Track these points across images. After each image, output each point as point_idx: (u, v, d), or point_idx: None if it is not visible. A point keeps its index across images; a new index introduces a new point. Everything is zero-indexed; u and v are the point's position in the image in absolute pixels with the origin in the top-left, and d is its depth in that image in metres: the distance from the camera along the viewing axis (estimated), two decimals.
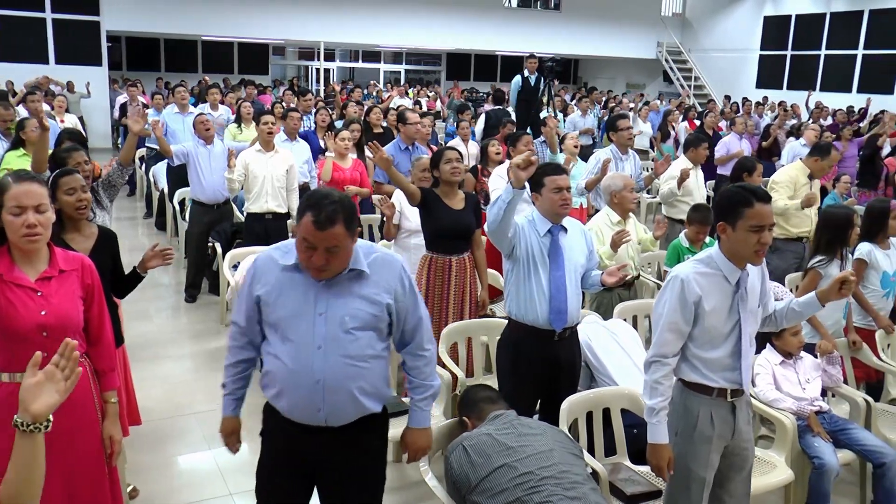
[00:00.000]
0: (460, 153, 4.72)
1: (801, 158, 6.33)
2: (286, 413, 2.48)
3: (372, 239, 6.72)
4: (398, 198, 5.18)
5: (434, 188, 4.60)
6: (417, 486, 3.86)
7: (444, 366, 4.01)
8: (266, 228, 6.16)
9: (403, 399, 4.06)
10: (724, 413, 2.81)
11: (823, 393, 4.05)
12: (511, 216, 3.30)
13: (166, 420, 4.66)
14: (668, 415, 2.78)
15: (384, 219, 5.20)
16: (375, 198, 6.36)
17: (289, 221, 6.25)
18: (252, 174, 6.17)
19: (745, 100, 17.19)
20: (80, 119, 11.73)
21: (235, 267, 5.58)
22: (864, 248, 4.68)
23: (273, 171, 6.19)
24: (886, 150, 10.51)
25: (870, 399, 4.05)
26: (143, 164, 10.45)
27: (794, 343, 3.93)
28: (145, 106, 10.65)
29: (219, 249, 6.51)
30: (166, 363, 5.53)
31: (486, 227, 3.41)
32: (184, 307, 6.82)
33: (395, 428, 3.60)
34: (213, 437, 4.42)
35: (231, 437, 2.72)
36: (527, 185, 3.26)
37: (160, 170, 9.14)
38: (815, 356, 4.11)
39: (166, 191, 8.72)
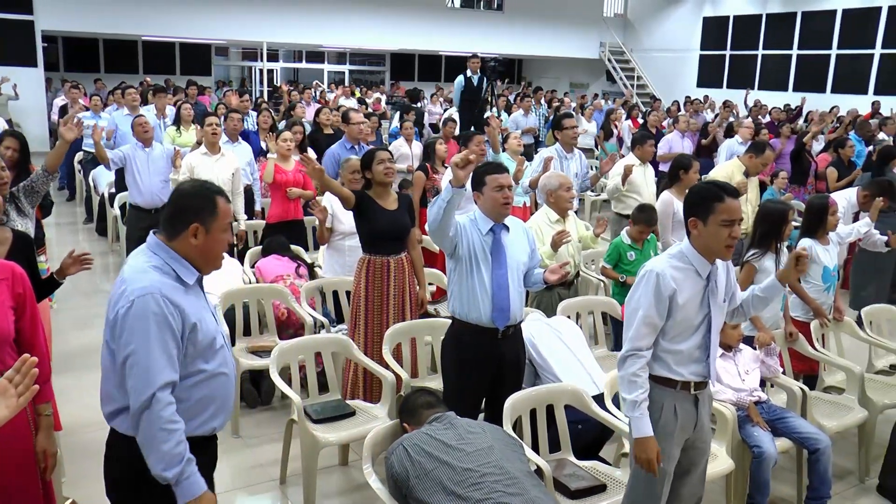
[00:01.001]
0: (391, 153, 4.70)
1: (737, 156, 6.48)
2: (216, 429, 2.42)
3: (314, 242, 6.66)
4: (329, 200, 5.15)
5: (366, 190, 4.55)
6: (362, 488, 3.85)
7: (388, 367, 4.00)
8: None
9: (347, 402, 4.05)
10: (688, 406, 2.87)
11: (762, 383, 4.16)
12: (451, 216, 3.30)
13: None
14: None
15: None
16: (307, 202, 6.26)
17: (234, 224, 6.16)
18: (197, 177, 6.06)
19: (687, 98, 17.54)
20: (9, 122, 11.32)
21: None
22: (805, 244, 4.80)
23: (220, 175, 6.10)
24: (818, 147, 10.83)
25: (805, 388, 4.16)
26: (82, 168, 10.19)
27: (734, 336, 4.01)
28: (85, 108, 10.41)
29: None
30: None
31: (426, 226, 3.40)
32: None
33: (341, 431, 3.58)
34: None
35: None
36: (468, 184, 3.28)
37: (99, 174, 8.94)
38: (754, 348, 4.20)
39: (106, 195, 8.53)
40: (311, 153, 7.40)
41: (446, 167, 6.39)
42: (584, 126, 12.22)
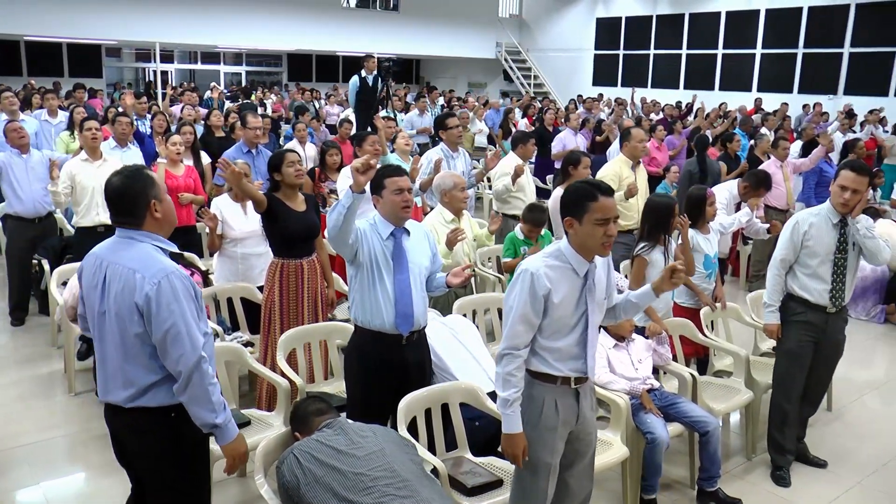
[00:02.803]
0: (300, 155, 4.64)
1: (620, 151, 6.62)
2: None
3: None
4: (219, 206, 5.04)
5: (274, 192, 4.47)
6: (259, 500, 3.74)
7: (282, 373, 3.92)
8: (98, 243, 5.76)
9: (243, 412, 3.94)
10: (569, 400, 2.88)
11: (655, 371, 4.28)
12: (351, 222, 3.23)
13: None
14: None
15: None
16: (195, 209, 6.08)
17: None
18: (80, 186, 5.79)
19: (579, 97, 18.00)
20: None
21: (66, 284, 5.20)
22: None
23: (103, 181, 5.80)
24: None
25: (695, 374, 4.32)
26: None
27: (626, 327, 4.11)
28: None
29: (46, 267, 6.05)
30: None
31: (326, 232, 3.33)
32: (10, 331, 6.30)
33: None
34: (42, 470, 4.13)
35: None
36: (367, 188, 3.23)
37: None
38: (646, 337, 4.32)
39: None
40: (205, 157, 7.22)
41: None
42: (479, 126, 12.34)
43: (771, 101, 17.02)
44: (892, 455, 4.62)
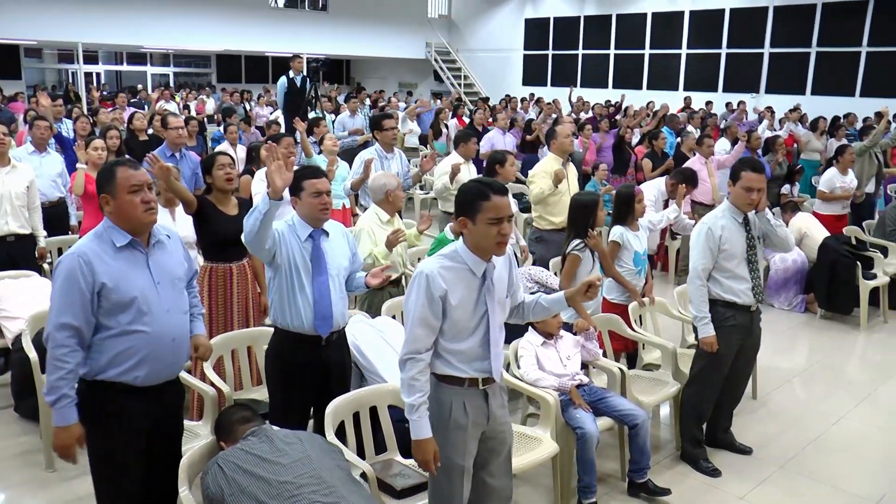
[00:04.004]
0: (232, 158, 4.56)
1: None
2: (142, 381, 2.75)
3: None
4: None
5: (207, 195, 4.42)
6: None
7: (209, 381, 3.83)
8: (9, 253, 5.52)
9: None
10: (478, 401, 2.85)
11: (584, 366, 4.33)
12: (269, 227, 3.19)
13: None
14: None
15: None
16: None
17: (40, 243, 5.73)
18: None
19: (506, 96, 18.17)
20: None
21: None
22: (616, 231, 5.06)
23: (11, 189, 5.57)
24: (636, 139, 11.49)
25: (624, 368, 4.38)
26: None
27: (554, 324, 4.15)
28: None
29: None
30: None
31: (243, 237, 3.27)
32: None
33: None
34: None
35: (78, 443, 2.73)
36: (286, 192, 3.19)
37: None
38: (574, 334, 4.37)
39: None
40: None
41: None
42: (409, 126, 12.33)
43: (697, 100, 17.48)
44: (812, 439, 4.78)
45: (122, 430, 2.78)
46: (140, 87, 19.34)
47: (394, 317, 4.45)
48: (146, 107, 12.79)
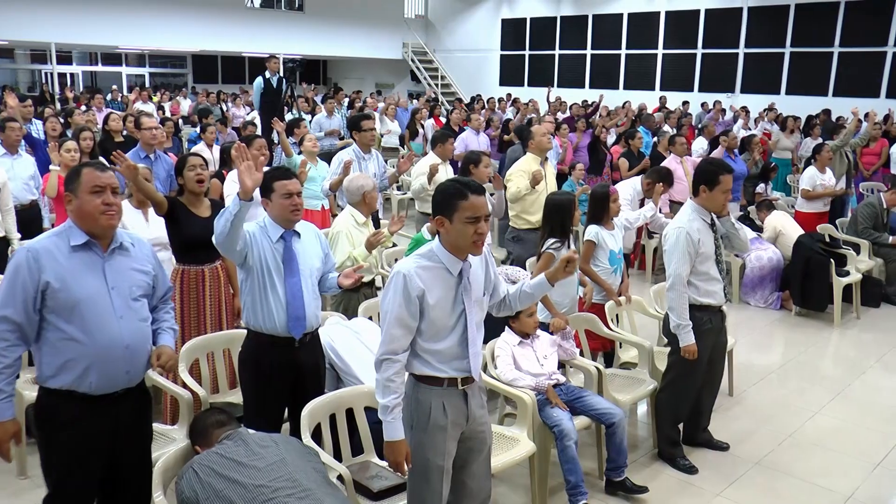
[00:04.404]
0: (205, 159, 4.52)
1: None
2: (95, 388, 2.67)
3: None
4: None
5: (179, 197, 4.39)
6: None
7: (184, 385, 3.79)
8: None
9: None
10: (457, 401, 2.84)
11: (561, 366, 4.34)
12: (239, 228, 3.17)
13: None
14: (402, 409, 2.77)
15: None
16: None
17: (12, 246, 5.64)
18: None
19: (478, 96, 18.22)
20: None
21: None
22: (592, 231, 5.08)
23: None
24: (612, 139, 11.55)
25: (601, 367, 4.40)
26: None
27: (530, 324, 4.16)
28: None
29: None
30: None
31: (213, 238, 3.25)
32: None
33: None
34: None
35: (13, 439, 2.71)
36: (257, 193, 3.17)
37: None
38: (551, 333, 4.38)
39: None
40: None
41: None
42: (388, 126, 12.31)
43: (673, 100, 17.62)
44: (787, 435, 4.83)
45: (77, 439, 2.70)
46: (115, 87, 19.13)
47: (370, 318, 4.44)
48: (121, 108, 12.69)
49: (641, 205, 6.92)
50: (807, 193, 8.38)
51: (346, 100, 15.43)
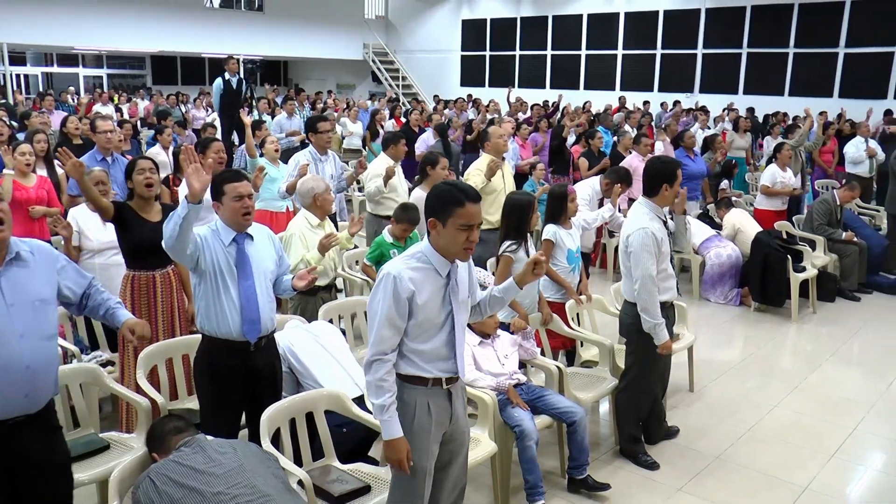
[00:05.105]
0: (155, 163, 4.46)
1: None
2: None
3: None
4: (74, 217, 4.81)
5: (128, 201, 4.31)
6: None
7: (143, 392, 3.74)
8: None
9: (101, 436, 3.73)
10: (441, 401, 2.87)
11: (522, 365, 4.36)
12: (188, 232, 3.13)
13: None
14: None
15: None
16: (49, 220, 5.68)
17: None
18: None
19: (435, 97, 18.25)
20: None
21: None
22: (549, 230, 5.11)
23: None
24: (571, 139, 11.62)
25: (561, 366, 4.42)
26: None
27: (491, 324, 4.16)
28: None
29: None
30: None
31: (163, 242, 3.20)
32: None
33: (93, 469, 3.28)
34: None
35: None
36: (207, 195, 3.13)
37: None
38: (511, 333, 4.39)
39: None
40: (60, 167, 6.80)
41: None
42: (350, 128, 12.25)
43: (633, 100, 17.81)
44: (747, 429, 4.91)
45: None
46: (72, 88, 18.76)
47: (330, 320, 4.42)
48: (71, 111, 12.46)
49: (600, 205, 6.96)
50: (766, 189, 8.55)
51: (307, 101, 15.36)
